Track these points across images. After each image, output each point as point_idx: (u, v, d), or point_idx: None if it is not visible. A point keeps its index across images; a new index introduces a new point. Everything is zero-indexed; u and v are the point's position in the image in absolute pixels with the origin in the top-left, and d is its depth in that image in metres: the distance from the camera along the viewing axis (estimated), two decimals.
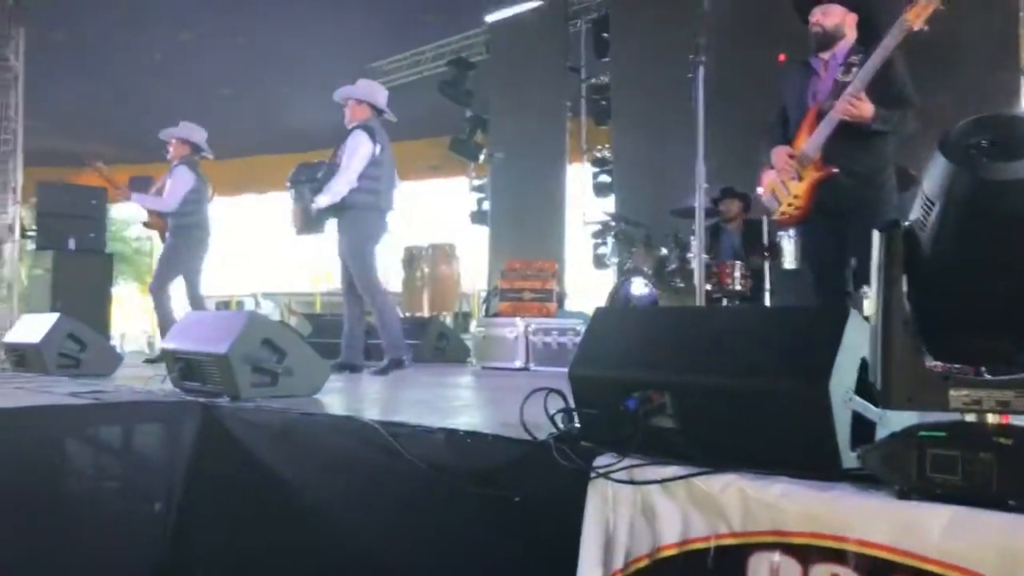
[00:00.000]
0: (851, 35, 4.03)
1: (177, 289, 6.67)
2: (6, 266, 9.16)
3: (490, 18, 11.10)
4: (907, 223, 1.53)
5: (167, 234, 6.62)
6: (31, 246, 9.84)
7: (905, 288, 1.53)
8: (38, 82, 9.51)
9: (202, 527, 3.04)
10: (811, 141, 3.91)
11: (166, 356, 3.72)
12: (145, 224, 6.85)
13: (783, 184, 4.03)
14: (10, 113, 9.07)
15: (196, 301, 6.66)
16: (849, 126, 3.80)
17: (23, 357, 4.97)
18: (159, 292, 6.56)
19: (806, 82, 4.09)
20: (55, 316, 4.95)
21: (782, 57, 4.53)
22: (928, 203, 1.45)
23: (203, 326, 3.74)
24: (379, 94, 5.79)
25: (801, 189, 3.97)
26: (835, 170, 3.87)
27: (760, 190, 4.23)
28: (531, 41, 10.66)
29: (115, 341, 10.20)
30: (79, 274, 8.20)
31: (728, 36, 8.13)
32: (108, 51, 11.13)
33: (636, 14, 9.50)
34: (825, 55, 4.04)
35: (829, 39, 4.00)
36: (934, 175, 1.42)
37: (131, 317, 18.79)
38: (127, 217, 20.99)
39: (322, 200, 5.40)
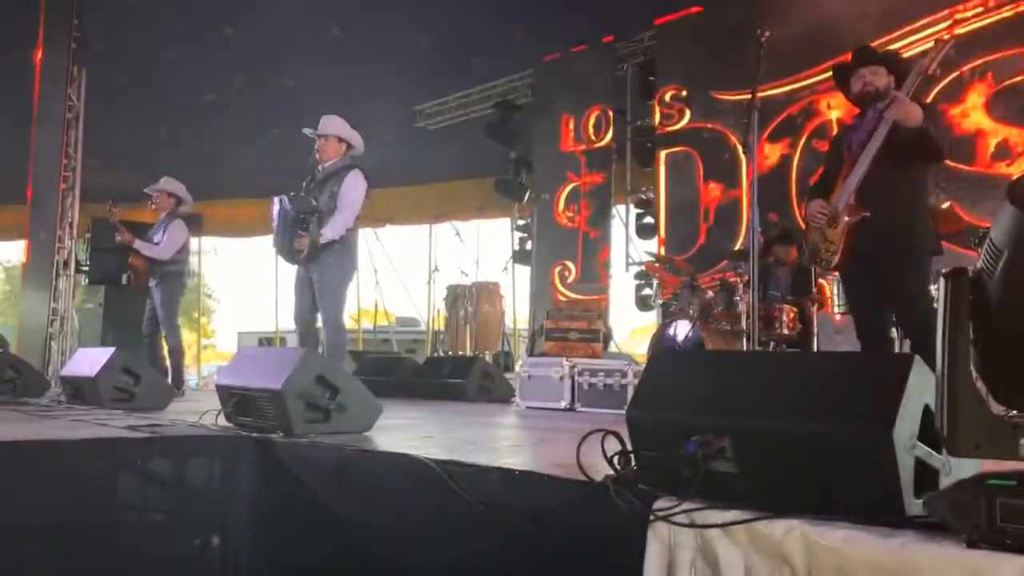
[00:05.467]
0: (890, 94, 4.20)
1: None
2: (61, 300, 9.35)
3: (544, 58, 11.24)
4: (974, 269, 1.53)
5: (153, 281, 7.25)
6: (84, 280, 10.07)
7: (971, 335, 1.53)
8: (97, 121, 9.78)
9: (259, 560, 3.06)
10: (844, 187, 4.05)
11: (220, 391, 3.77)
12: (129, 263, 7.40)
13: (820, 232, 4.15)
14: (70, 151, 9.33)
15: (177, 343, 7.33)
16: (880, 170, 3.95)
17: (78, 390, 5.06)
18: (156, 336, 7.20)
19: (846, 139, 4.26)
20: (110, 350, 5.03)
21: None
22: (996, 251, 1.45)
23: (257, 362, 3.79)
24: (359, 138, 5.94)
25: (836, 235, 4.08)
26: (866, 213, 3.98)
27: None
28: (577, 84, 10.79)
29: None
30: (130, 308, 8.33)
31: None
32: (164, 92, 11.42)
33: (683, 57, 9.61)
34: (867, 112, 4.21)
35: (877, 97, 4.15)
36: (1002, 223, 1.43)
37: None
38: None
39: (328, 234, 5.49)
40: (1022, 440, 1.46)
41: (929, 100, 4.54)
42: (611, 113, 10.56)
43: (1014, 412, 1.55)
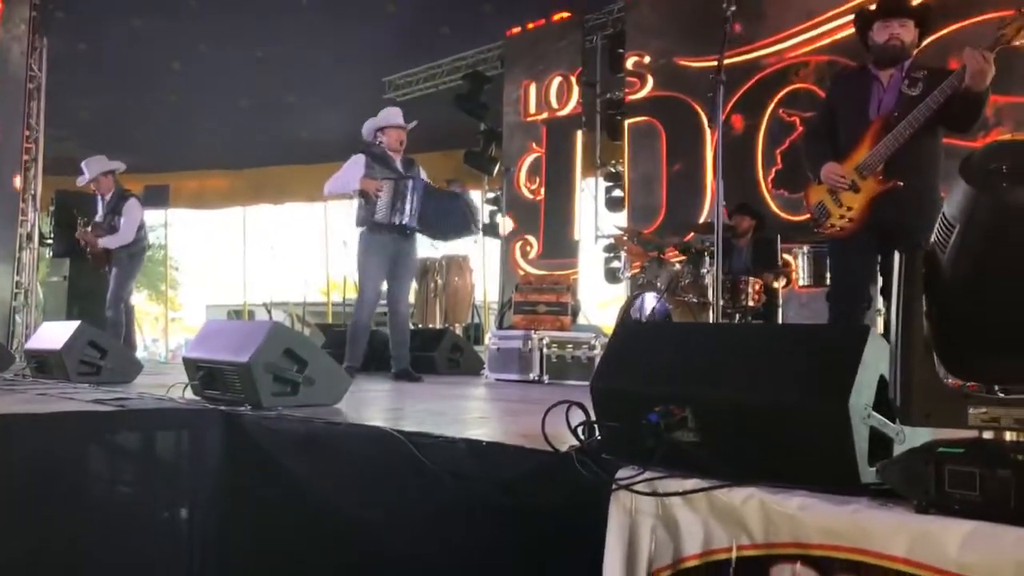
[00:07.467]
0: (914, 51, 4.01)
1: None
2: (25, 273, 9.25)
3: (507, 32, 11.20)
4: (928, 244, 1.57)
5: (113, 260, 7.28)
6: (48, 254, 9.96)
7: (924, 308, 1.57)
8: (59, 92, 9.64)
9: (228, 533, 3.08)
10: (875, 153, 3.82)
11: (187, 364, 3.77)
12: (91, 255, 7.43)
13: (834, 196, 3.93)
14: (32, 123, 9.19)
15: (128, 309, 7.51)
16: (914, 141, 3.75)
17: (44, 364, 5.02)
18: (118, 307, 7.24)
19: (867, 93, 3.99)
20: (76, 323, 4.99)
21: None
22: (948, 226, 1.49)
23: (224, 335, 3.78)
24: None
25: (857, 202, 3.86)
26: (900, 183, 3.77)
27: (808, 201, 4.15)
28: (545, 55, 10.76)
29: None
30: (95, 282, 8.26)
31: None
32: (127, 62, 11.25)
33: (650, 26, 9.60)
34: (890, 68, 3.97)
35: (902, 54, 3.94)
36: (955, 199, 1.47)
37: (142, 323, 18.90)
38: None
39: None
40: (971, 409, 1.51)
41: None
42: (573, 79, 10.53)
43: (964, 382, 1.60)
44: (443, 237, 6.42)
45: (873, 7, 4.08)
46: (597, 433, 2.11)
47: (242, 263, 17.02)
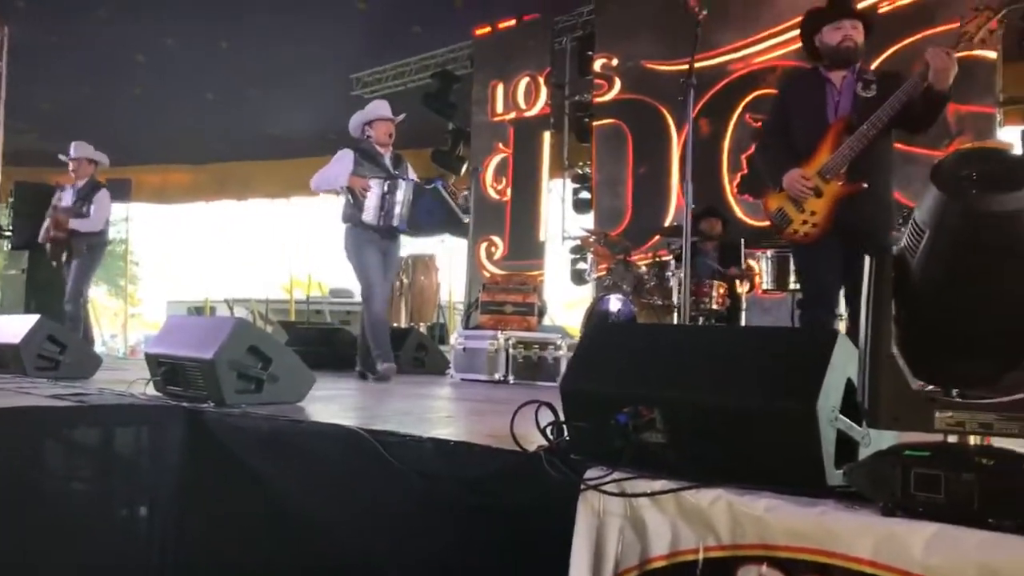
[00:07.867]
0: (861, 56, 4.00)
1: None
2: None
3: (477, 32, 11.18)
4: (897, 248, 1.58)
5: (73, 252, 7.23)
6: (6, 246, 9.79)
7: (893, 312, 1.59)
8: (20, 83, 9.47)
9: (188, 532, 3.04)
10: (839, 155, 3.76)
11: (149, 360, 3.71)
12: (52, 238, 7.34)
13: (794, 202, 3.88)
14: None
15: (84, 304, 7.47)
16: (873, 144, 3.72)
17: (1, 358, 4.92)
18: (77, 301, 7.23)
19: (821, 95, 3.94)
20: (35, 317, 4.91)
21: None
22: (919, 230, 1.50)
23: (188, 331, 3.73)
24: None
25: (820, 206, 3.80)
26: (864, 185, 3.73)
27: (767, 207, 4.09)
28: (514, 55, 10.75)
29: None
30: (54, 275, 8.12)
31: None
32: (91, 53, 11.07)
33: (618, 28, 9.63)
34: (842, 70, 3.94)
35: (855, 55, 3.91)
36: (926, 204, 1.48)
37: (100, 318, 18.63)
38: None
39: None
40: (937, 413, 1.52)
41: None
42: (541, 80, 10.52)
43: (930, 386, 1.62)
44: (429, 234, 6.36)
45: (823, 7, 4.05)
46: (566, 433, 2.10)
47: (204, 259, 16.84)
